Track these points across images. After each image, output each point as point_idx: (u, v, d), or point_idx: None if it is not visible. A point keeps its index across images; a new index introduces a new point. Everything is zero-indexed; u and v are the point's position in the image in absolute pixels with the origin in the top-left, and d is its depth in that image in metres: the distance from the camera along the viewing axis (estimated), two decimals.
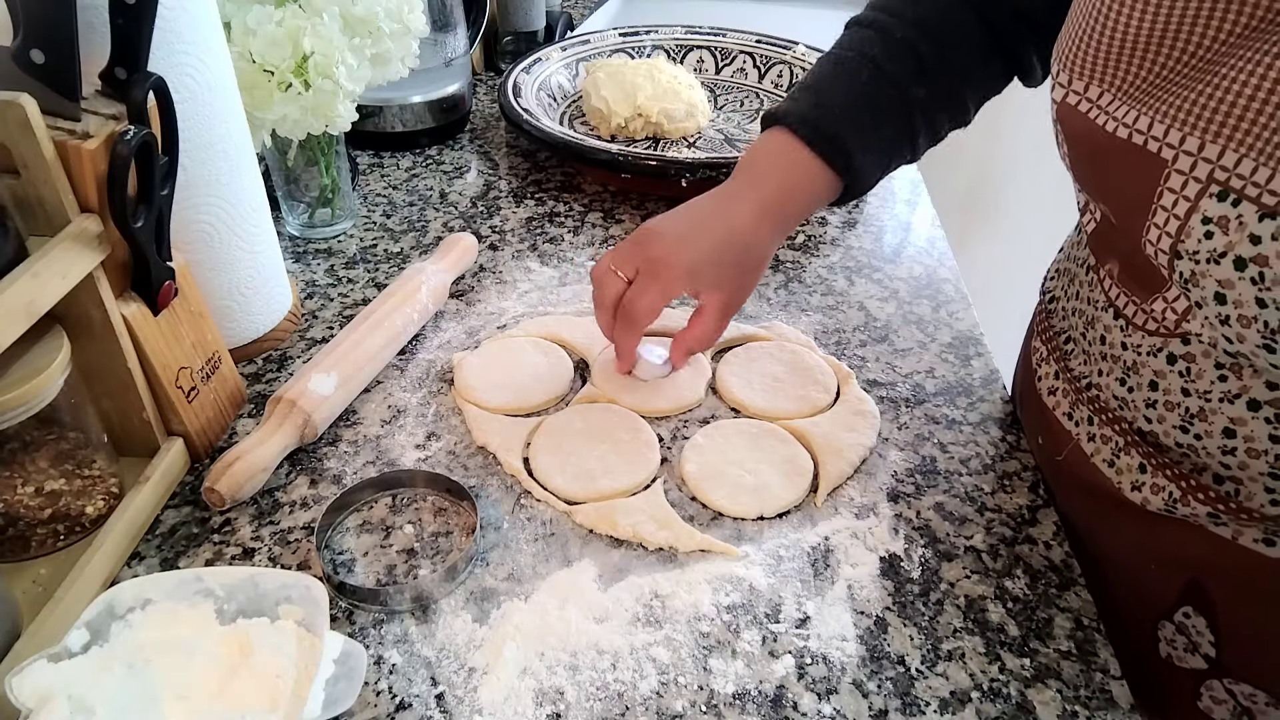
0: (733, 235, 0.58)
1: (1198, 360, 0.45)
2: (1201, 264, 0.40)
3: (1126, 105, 0.43)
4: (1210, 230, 0.39)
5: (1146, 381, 0.49)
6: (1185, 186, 0.40)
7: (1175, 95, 0.41)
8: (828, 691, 0.45)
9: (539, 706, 0.44)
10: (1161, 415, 0.48)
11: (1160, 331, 0.47)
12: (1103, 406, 0.53)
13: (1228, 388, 0.44)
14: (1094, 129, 0.45)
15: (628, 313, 0.58)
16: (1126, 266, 0.49)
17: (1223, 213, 0.39)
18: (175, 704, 0.40)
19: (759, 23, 1.15)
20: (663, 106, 0.93)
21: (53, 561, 0.49)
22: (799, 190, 0.59)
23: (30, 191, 0.45)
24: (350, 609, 0.49)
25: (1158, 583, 0.53)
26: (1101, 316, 0.52)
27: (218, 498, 0.52)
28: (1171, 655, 0.54)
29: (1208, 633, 0.51)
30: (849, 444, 0.59)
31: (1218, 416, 0.45)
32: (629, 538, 0.53)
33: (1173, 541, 0.51)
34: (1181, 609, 0.52)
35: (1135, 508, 0.51)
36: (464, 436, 0.60)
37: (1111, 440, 0.52)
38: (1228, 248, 0.39)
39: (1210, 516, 0.47)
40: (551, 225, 0.84)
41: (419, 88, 0.93)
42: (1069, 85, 0.47)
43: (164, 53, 0.51)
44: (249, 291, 0.63)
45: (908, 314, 0.73)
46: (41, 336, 0.46)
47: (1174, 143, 0.40)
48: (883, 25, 0.60)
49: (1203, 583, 0.51)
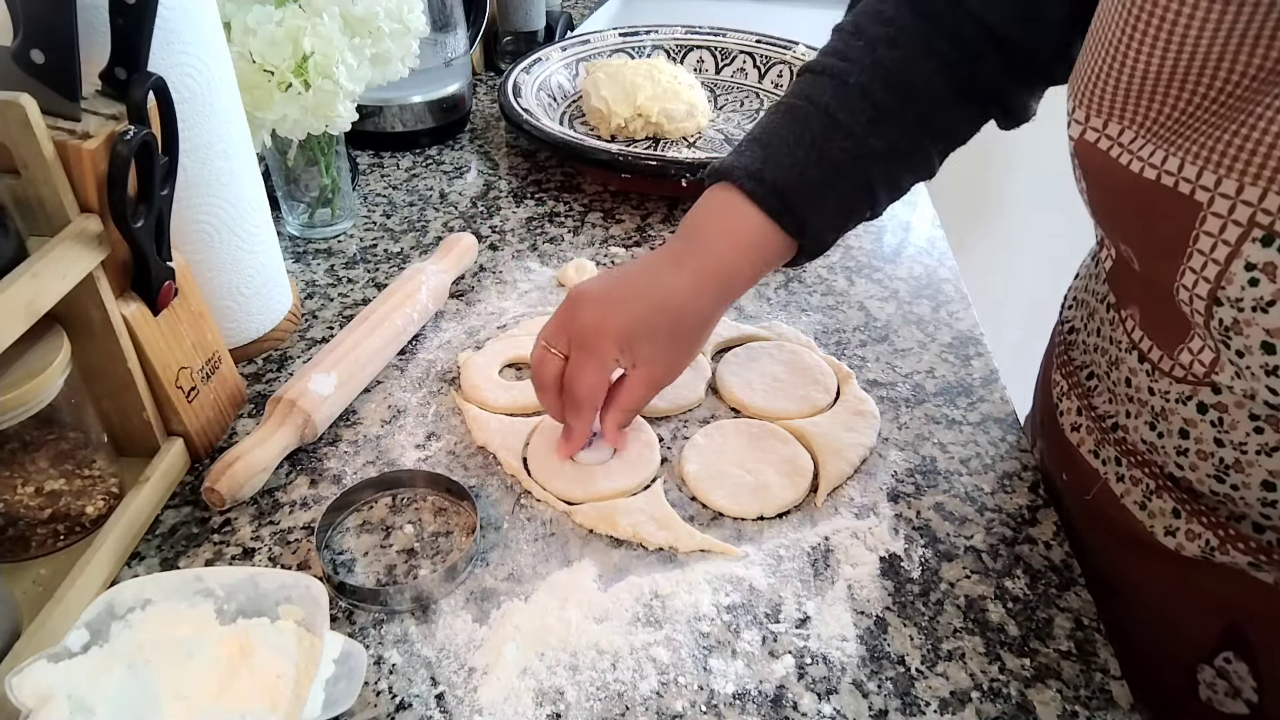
0: (667, 302, 0.52)
1: (1230, 411, 0.43)
2: (1246, 311, 0.38)
3: (1152, 145, 0.41)
4: (1255, 277, 0.37)
5: (1177, 429, 0.47)
6: (1224, 230, 0.38)
7: (1206, 135, 0.39)
8: (828, 691, 0.45)
9: (539, 706, 0.44)
10: (1194, 464, 0.46)
11: (1188, 379, 0.45)
12: (1131, 449, 0.51)
13: (1264, 440, 0.42)
14: (1116, 168, 0.43)
15: (571, 395, 0.53)
16: (1149, 313, 0.47)
17: (1268, 259, 0.37)
18: (175, 704, 0.40)
19: (759, 23, 1.14)
20: (663, 106, 0.93)
21: (53, 561, 0.49)
22: (745, 253, 0.54)
23: (30, 191, 0.45)
24: (350, 609, 0.49)
25: (1195, 626, 0.51)
26: (1126, 359, 0.50)
27: (218, 498, 0.52)
28: (1211, 699, 0.52)
29: (1250, 679, 0.49)
30: (849, 444, 0.59)
31: (1255, 469, 0.43)
32: (629, 538, 0.53)
33: (1210, 586, 0.49)
34: (1223, 654, 0.50)
35: (1169, 551, 0.49)
36: (464, 436, 0.60)
37: (1142, 483, 0.50)
38: (1277, 295, 0.37)
39: (1251, 565, 0.45)
40: (551, 225, 0.84)
41: (419, 88, 0.93)
42: (1087, 122, 0.44)
43: (164, 53, 0.51)
44: (249, 291, 0.63)
45: (908, 314, 0.73)
46: (41, 336, 0.46)
47: (1208, 185, 0.38)
48: (836, 71, 0.54)
49: (1242, 628, 0.49)
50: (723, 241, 0.54)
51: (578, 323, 0.53)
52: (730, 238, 0.54)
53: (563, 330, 0.53)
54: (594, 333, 0.52)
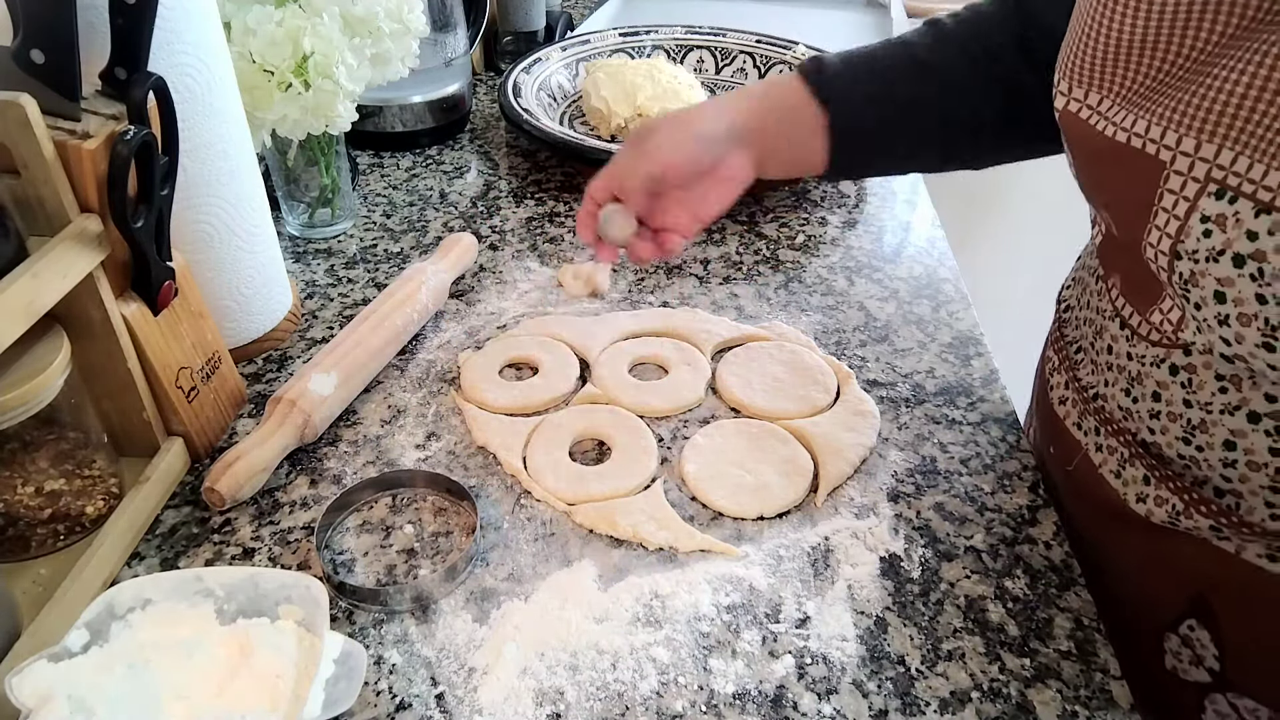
0: (696, 127, 0.57)
1: (1199, 372, 0.45)
2: (1200, 263, 0.40)
3: (1124, 109, 0.43)
4: (1209, 229, 0.39)
5: (1150, 392, 0.49)
6: (1184, 187, 0.40)
7: (1170, 97, 0.41)
8: (828, 691, 0.45)
9: (539, 706, 0.44)
10: (1164, 426, 0.48)
11: (1163, 342, 0.47)
12: (1108, 417, 0.53)
13: (1228, 399, 0.44)
14: (1093, 134, 0.45)
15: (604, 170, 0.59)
16: (1128, 278, 0.49)
17: (1220, 210, 0.39)
18: (175, 704, 0.40)
19: (759, 23, 1.15)
20: (663, 106, 0.93)
21: (53, 561, 0.49)
22: (768, 95, 0.59)
23: (30, 191, 0.45)
24: (350, 609, 0.49)
25: (1163, 595, 0.53)
26: (1109, 326, 0.52)
27: (218, 498, 0.52)
28: (1176, 668, 0.53)
29: (1211, 646, 0.51)
30: (849, 444, 0.59)
31: (1218, 429, 0.45)
32: (629, 538, 0.53)
33: (1178, 554, 0.51)
34: (1186, 622, 0.52)
35: (1141, 519, 0.51)
36: (464, 436, 0.60)
37: (1117, 451, 0.52)
38: (1226, 245, 0.39)
39: (1213, 530, 0.47)
40: (551, 225, 0.84)
41: (419, 88, 0.93)
42: (1069, 93, 0.47)
43: (164, 53, 0.51)
44: (249, 291, 0.63)
45: (908, 314, 0.73)
46: (41, 336, 0.46)
47: (1171, 144, 0.41)
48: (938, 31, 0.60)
49: (1207, 596, 0.51)
50: (759, 92, 0.60)
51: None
52: (761, 85, 0.61)
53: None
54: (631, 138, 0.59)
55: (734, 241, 0.82)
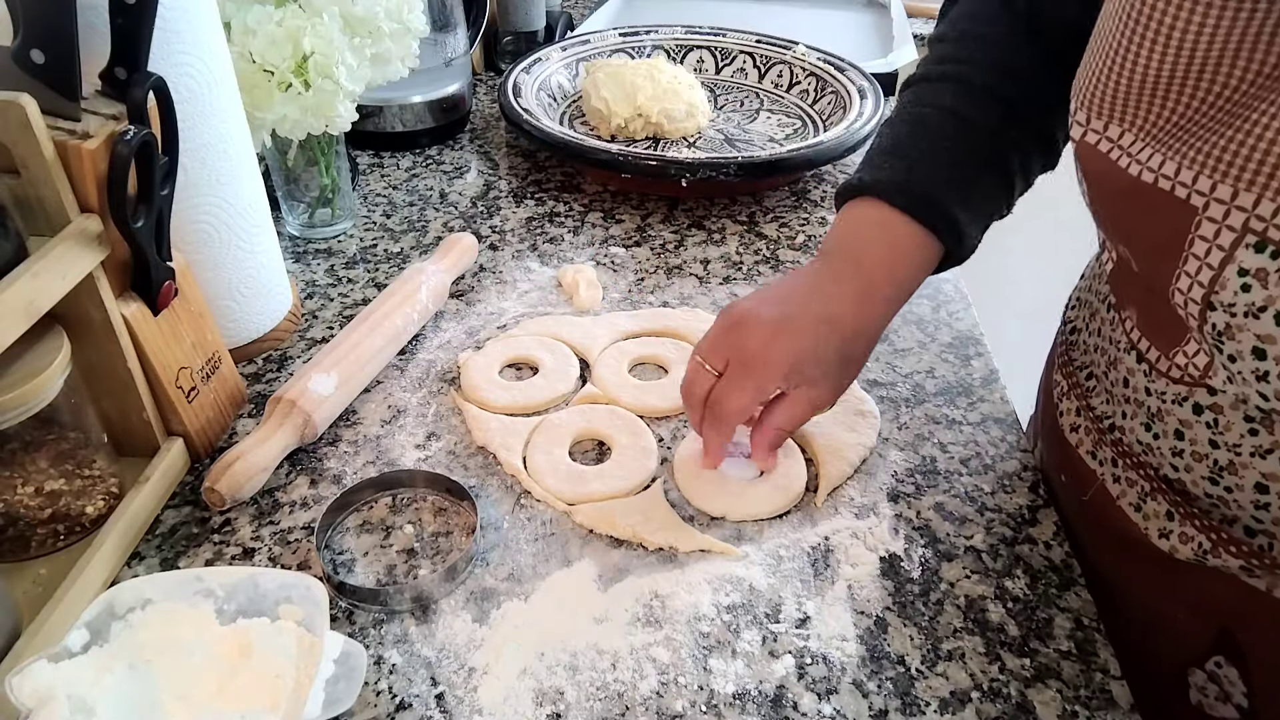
0: (836, 328, 0.52)
1: (1225, 412, 0.43)
2: (1238, 317, 0.38)
3: (1150, 148, 0.41)
4: (1248, 283, 0.37)
5: (1172, 430, 0.47)
6: (1218, 235, 0.38)
7: (1202, 140, 0.39)
8: (828, 691, 0.45)
9: (539, 707, 0.44)
10: (1189, 465, 0.46)
11: (1185, 381, 0.45)
12: (1127, 449, 0.51)
13: (1259, 442, 0.42)
14: (1115, 170, 0.43)
15: (716, 411, 0.52)
16: (1146, 314, 0.47)
17: (1261, 265, 0.37)
18: (175, 704, 0.40)
19: (759, 23, 1.15)
20: (663, 106, 0.93)
21: (53, 561, 0.49)
22: (908, 269, 0.53)
23: (30, 191, 0.45)
24: (350, 609, 0.49)
25: (1187, 630, 0.51)
26: (1124, 359, 0.50)
27: (218, 498, 0.52)
28: (1203, 703, 0.52)
29: (1240, 684, 0.49)
30: (849, 444, 0.59)
31: (1249, 471, 0.43)
32: (629, 538, 0.52)
33: (1203, 590, 0.49)
34: (1213, 658, 0.50)
35: (1163, 554, 0.49)
36: (464, 436, 0.60)
37: (1137, 484, 0.50)
38: (1268, 302, 0.37)
39: (1243, 569, 0.45)
40: (551, 225, 0.84)
41: (419, 88, 0.93)
42: (1087, 124, 0.44)
43: (164, 53, 0.51)
44: (249, 291, 0.63)
45: (908, 314, 0.73)
46: (41, 336, 0.46)
47: (1204, 190, 0.39)
48: (955, 75, 0.56)
49: (1235, 633, 0.49)
50: (883, 259, 0.53)
51: (743, 346, 0.51)
52: (891, 255, 0.53)
53: (723, 350, 0.52)
54: (759, 359, 0.51)
55: (734, 241, 0.82)
